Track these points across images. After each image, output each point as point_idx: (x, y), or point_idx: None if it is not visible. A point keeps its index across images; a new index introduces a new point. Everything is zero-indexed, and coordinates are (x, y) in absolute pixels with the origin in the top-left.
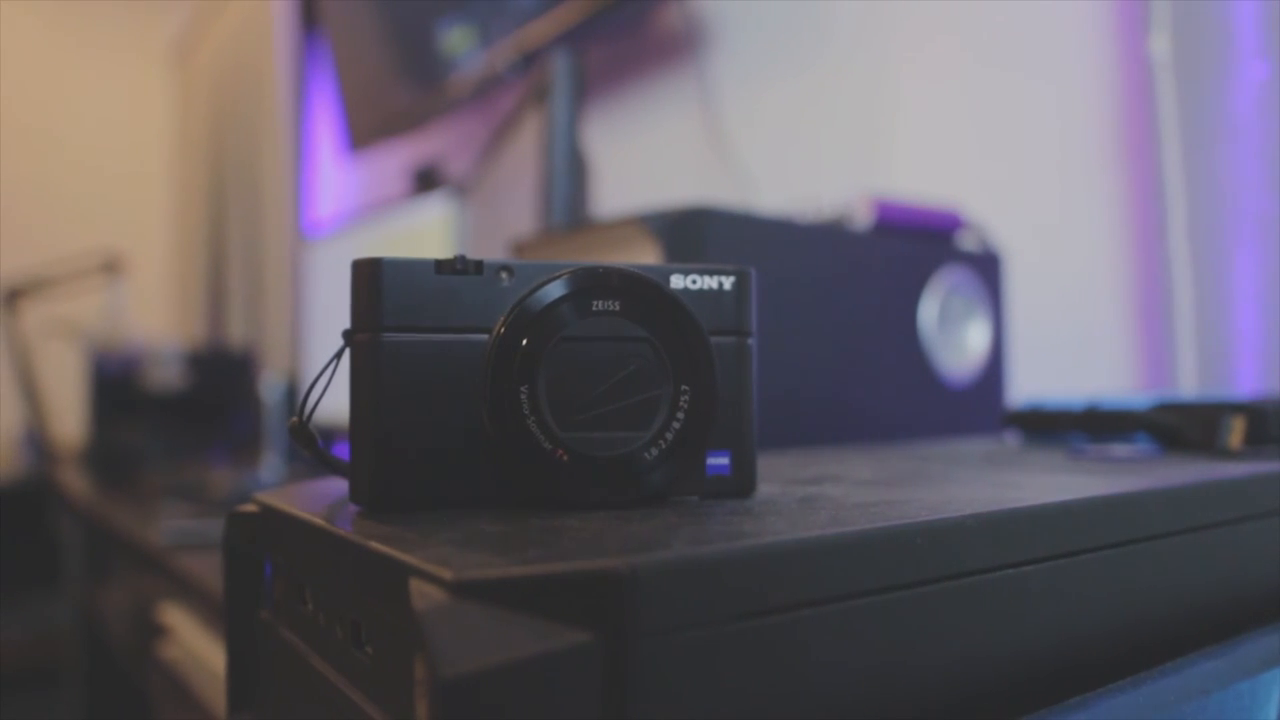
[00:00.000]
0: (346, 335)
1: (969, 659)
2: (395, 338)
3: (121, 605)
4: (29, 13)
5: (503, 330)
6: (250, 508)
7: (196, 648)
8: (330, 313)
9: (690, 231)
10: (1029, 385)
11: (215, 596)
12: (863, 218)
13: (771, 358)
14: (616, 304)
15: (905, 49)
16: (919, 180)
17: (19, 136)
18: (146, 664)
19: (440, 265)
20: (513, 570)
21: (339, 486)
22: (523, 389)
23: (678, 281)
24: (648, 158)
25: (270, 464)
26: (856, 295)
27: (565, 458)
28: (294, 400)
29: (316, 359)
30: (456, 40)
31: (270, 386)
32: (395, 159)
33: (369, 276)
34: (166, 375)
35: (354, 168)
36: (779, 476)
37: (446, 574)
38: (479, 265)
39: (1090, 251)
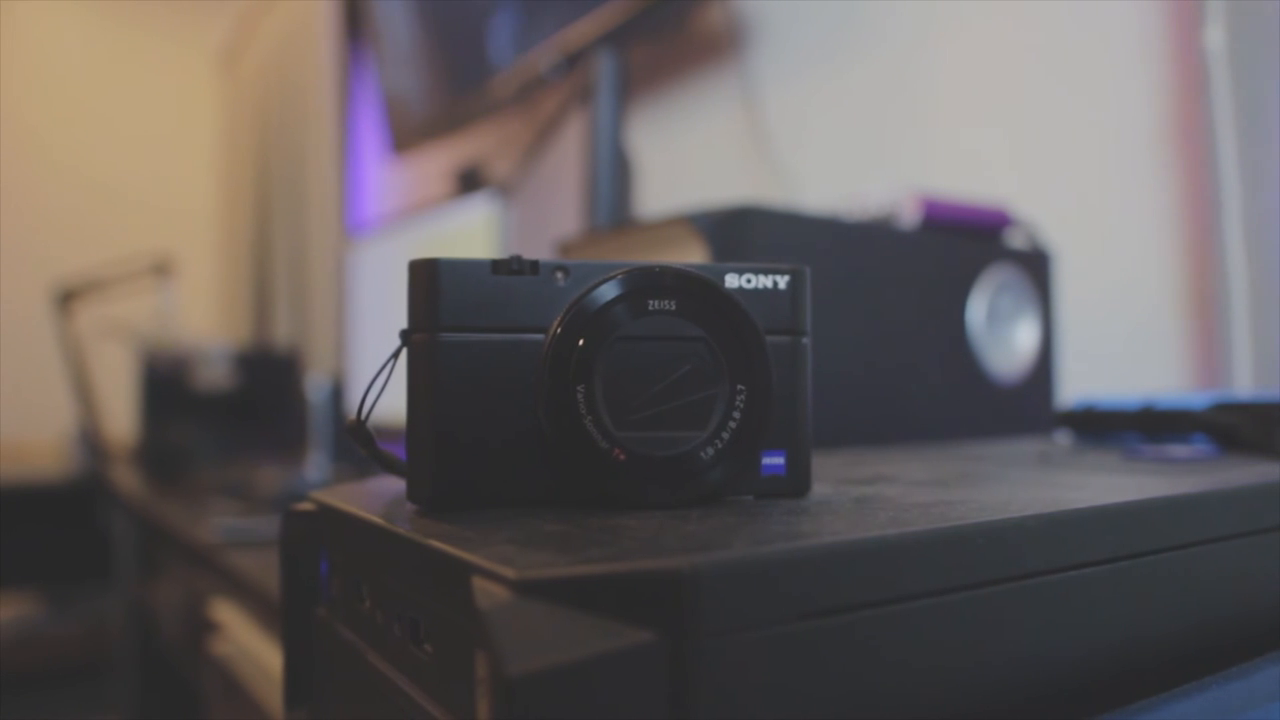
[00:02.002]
0: (404, 335)
1: (1030, 661)
2: (452, 337)
3: (172, 601)
4: (80, 21)
5: (559, 330)
6: (307, 506)
7: (247, 644)
8: (375, 313)
9: (737, 230)
10: (1079, 385)
11: (265, 593)
12: (910, 216)
13: (818, 357)
14: (672, 303)
15: (951, 44)
16: (966, 177)
17: (73, 142)
18: (197, 659)
19: (496, 265)
20: (575, 569)
21: (394, 485)
22: (579, 388)
23: (733, 280)
24: (690, 157)
25: (316, 463)
26: (904, 294)
27: (622, 457)
28: (339, 400)
29: (362, 359)
30: (499, 42)
31: (316, 386)
32: (439, 160)
33: (426, 277)
34: (214, 375)
35: (397, 169)
36: (831, 476)
37: (510, 573)
38: (535, 265)
39: (1142, 248)
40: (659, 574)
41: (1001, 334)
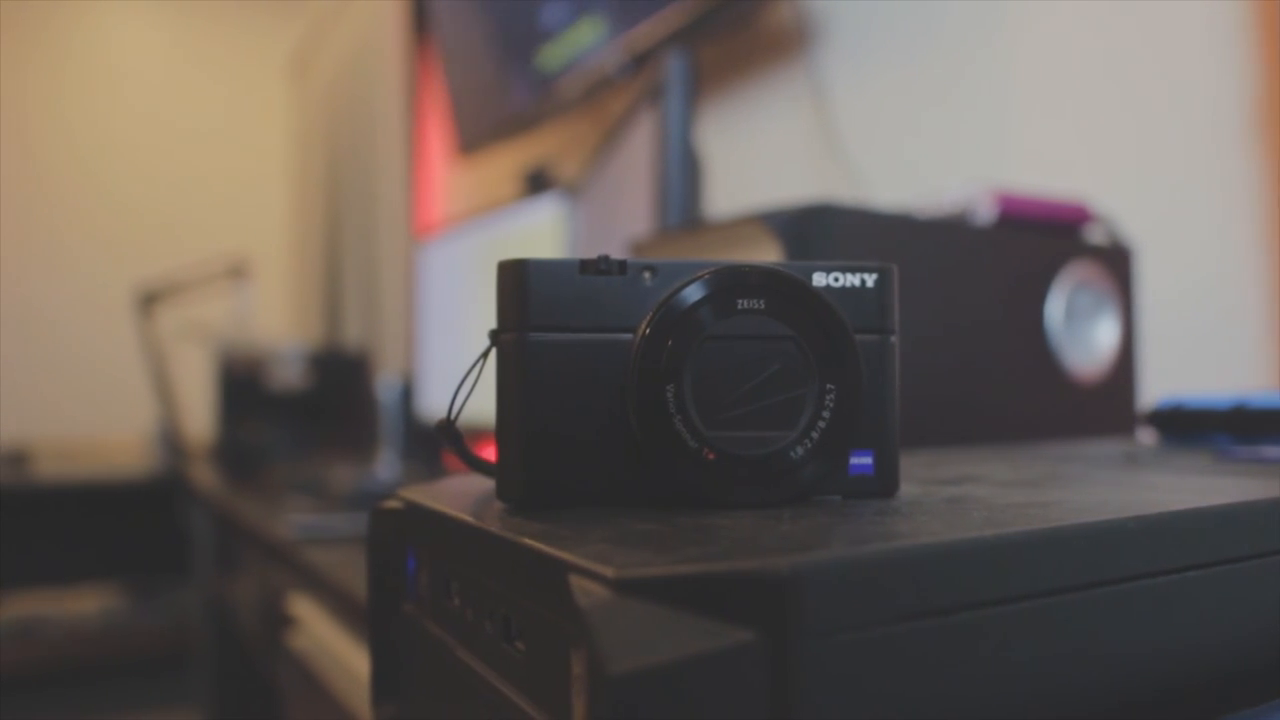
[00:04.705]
0: (493, 335)
1: (1130, 666)
2: (541, 337)
3: (249, 595)
4: (157, 29)
5: (647, 330)
6: (394, 504)
7: (325, 638)
8: (444, 314)
9: (811, 229)
10: (1162, 384)
11: (341, 589)
12: (986, 212)
13: None
14: (760, 303)
15: (1026, 37)
16: (1044, 172)
17: (151, 148)
18: (275, 653)
19: (584, 265)
20: (674, 569)
21: (479, 483)
22: (668, 388)
23: (820, 279)
24: (760, 156)
25: (387, 461)
26: (980, 292)
27: (711, 456)
28: (409, 400)
29: (431, 359)
30: (567, 42)
31: (386, 386)
32: (506, 161)
33: (515, 277)
34: (288, 375)
35: (466, 170)
36: (916, 477)
37: (609, 571)
38: (622, 265)
39: (1228, 241)
40: (760, 574)
41: (1081, 332)
